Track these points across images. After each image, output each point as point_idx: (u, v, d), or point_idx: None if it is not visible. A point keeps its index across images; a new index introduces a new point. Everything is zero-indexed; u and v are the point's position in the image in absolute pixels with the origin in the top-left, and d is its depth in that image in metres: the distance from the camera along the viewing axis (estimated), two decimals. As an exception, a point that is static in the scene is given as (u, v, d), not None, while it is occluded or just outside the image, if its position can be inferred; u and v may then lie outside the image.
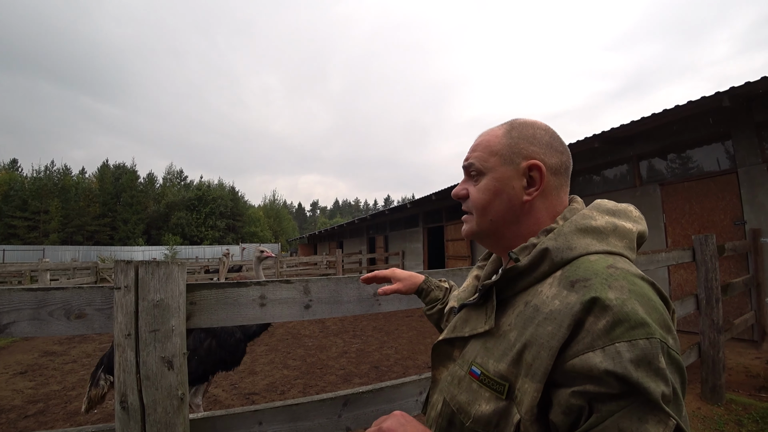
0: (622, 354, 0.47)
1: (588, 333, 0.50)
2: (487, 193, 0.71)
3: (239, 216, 53.25)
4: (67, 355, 5.85)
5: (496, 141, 0.73)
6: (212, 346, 2.64)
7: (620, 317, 0.49)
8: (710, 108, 4.72)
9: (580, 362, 0.50)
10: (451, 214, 11.52)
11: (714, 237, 3.20)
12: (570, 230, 0.64)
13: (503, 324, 0.64)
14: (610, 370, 0.47)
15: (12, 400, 3.95)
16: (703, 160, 5.48)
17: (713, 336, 3.10)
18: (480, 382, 0.62)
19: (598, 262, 0.58)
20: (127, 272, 1.08)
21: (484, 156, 0.73)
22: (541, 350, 0.54)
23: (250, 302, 1.30)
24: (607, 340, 0.49)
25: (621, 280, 0.54)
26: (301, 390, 4.01)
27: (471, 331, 0.69)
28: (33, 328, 1.11)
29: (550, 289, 0.59)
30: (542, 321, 0.56)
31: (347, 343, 5.99)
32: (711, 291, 3.13)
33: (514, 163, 0.70)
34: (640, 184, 6.19)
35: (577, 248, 0.62)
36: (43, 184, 42.71)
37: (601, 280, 0.54)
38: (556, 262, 0.61)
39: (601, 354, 0.48)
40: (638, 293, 0.53)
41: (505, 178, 0.70)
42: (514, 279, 0.65)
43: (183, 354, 1.13)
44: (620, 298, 0.51)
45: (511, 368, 0.58)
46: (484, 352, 0.64)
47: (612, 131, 5.72)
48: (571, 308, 0.53)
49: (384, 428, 0.61)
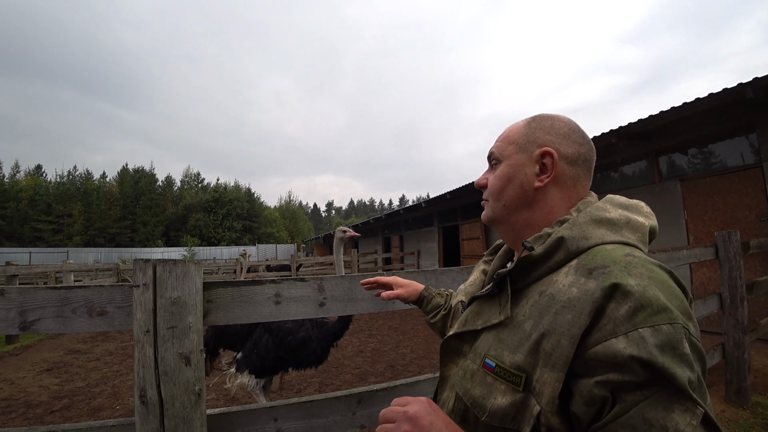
0: (646, 339, 0.47)
1: (610, 319, 0.50)
2: (502, 179, 0.74)
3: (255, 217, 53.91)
4: (91, 353, 6.02)
5: (516, 131, 0.75)
6: (269, 343, 2.65)
7: (642, 302, 0.49)
8: (733, 100, 4.57)
9: (603, 349, 0.49)
10: (466, 213, 11.44)
11: (738, 234, 3.10)
12: (585, 220, 0.64)
13: (518, 314, 0.63)
14: (635, 355, 0.46)
15: (39, 396, 4.09)
16: (726, 154, 5.31)
17: (738, 336, 3.01)
18: (495, 374, 0.61)
19: (616, 250, 0.58)
20: (146, 270, 1.11)
21: (503, 145, 0.76)
22: (561, 339, 0.53)
23: (265, 300, 1.32)
24: (630, 325, 0.48)
25: (640, 267, 0.54)
26: (317, 388, 4.04)
27: (484, 323, 0.68)
28: (57, 325, 1.14)
29: (566, 278, 0.59)
30: (560, 309, 0.55)
31: (363, 342, 6.01)
32: (735, 290, 3.04)
33: (528, 150, 0.72)
34: (659, 180, 6.04)
35: (593, 238, 0.61)
36: (67, 188, 44.03)
37: (620, 267, 0.53)
38: (572, 252, 0.61)
39: (625, 340, 0.47)
40: (658, 280, 0.52)
41: (518, 164, 0.72)
42: (528, 268, 0.65)
43: (200, 350, 1.15)
44: (641, 284, 0.51)
45: (528, 358, 0.57)
46: (498, 344, 0.63)
47: (630, 126, 5.59)
48: (591, 295, 0.53)
49: (411, 414, 0.56)
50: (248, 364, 2.69)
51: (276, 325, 2.65)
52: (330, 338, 2.77)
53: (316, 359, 2.77)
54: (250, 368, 2.68)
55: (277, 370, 2.72)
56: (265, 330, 2.67)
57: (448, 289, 1.13)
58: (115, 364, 5.32)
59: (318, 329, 2.72)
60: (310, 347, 2.68)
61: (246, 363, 2.70)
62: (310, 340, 2.68)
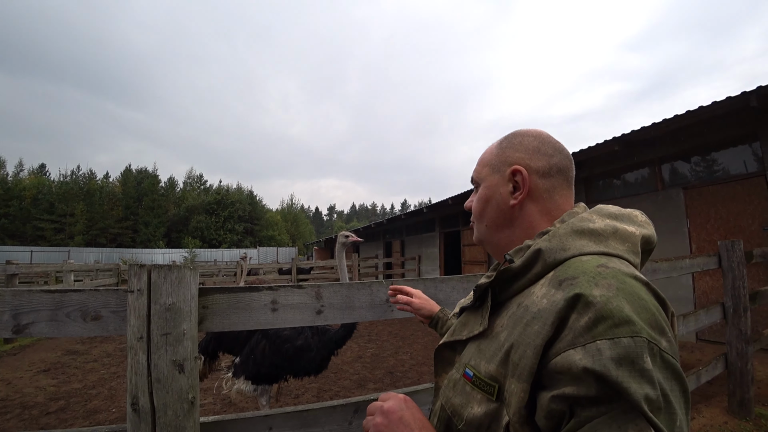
0: (602, 351, 0.45)
1: (570, 330, 0.49)
2: (481, 201, 0.77)
3: (257, 220, 53.93)
4: (89, 354, 6.00)
5: (489, 153, 0.78)
6: (265, 350, 2.59)
7: (603, 314, 0.47)
8: (736, 108, 4.56)
9: (561, 360, 0.48)
10: (467, 218, 11.36)
11: (741, 243, 3.07)
12: (565, 232, 0.63)
13: (496, 325, 0.64)
14: (588, 367, 0.45)
15: (35, 397, 4.07)
16: (729, 162, 5.29)
17: (741, 347, 2.97)
18: (473, 384, 0.62)
19: (589, 261, 0.57)
20: (141, 276, 1.09)
21: (479, 168, 0.79)
22: (527, 349, 0.53)
23: (261, 307, 1.30)
24: (589, 337, 0.47)
25: (610, 278, 0.52)
26: (314, 394, 4.01)
27: (468, 334, 0.70)
28: (51, 329, 1.13)
29: (540, 290, 0.59)
30: (530, 320, 0.55)
31: (362, 347, 5.98)
32: (738, 299, 3.01)
33: (500, 171, 0.74)
34: (662, 188, 6.01)
35: (571, 249, 0.61)
36: (70, 188, 44.12)
37: (588, 278, 0.53)
38: (549, 263, 0.61)
39: (582, 351, 0.46)
40: (627, 291, 0.50)
41: (493, 185, 0.75)
42: (508, 281, 0.65)
43: (194, 358, 1.13)
44: (605, 295, 0.49)
45: (499, 368, 0.58)
46: (478, 354, 0.64)
47: (632, 134, 5.57)
48: (555, 305, 0.52)
49: (385, 408, 0.62)
50: (245, 370, 2.65)
51: (273, 331, 2.60)
52: (331, 346, 2.70)
53: (315, 368, 2.71)
54: (246, 374, 2.64)
55: (275, 378, 2.66)
56: (263, 336, 2.62)
57: None
58: (113, 366, 5.30)
59: (318, 337, 2.66)
60: (308, 355, 2.62)
61: (243, 369, 2.66)
62: (309, 348, 2.61)
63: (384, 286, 1.50)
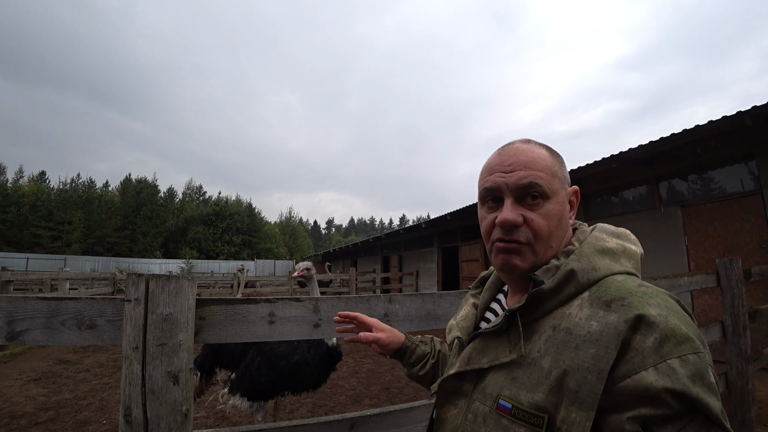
0: (677, 370, 0.46)
1: (637, 352, 0.49)
2: (553, 218, 0.65)
3: (255, 232, 53.75)
4: (81, 363, 5.92)
5: (551, 162, 0.68)
6: (261, 367, 2.54)
7: (667, 333, 0.48)
8: (732, 128, 4.62)
9: (633, 383, 0.48)
10: (465, 234, 11.41)
11: (740, 261, 3.07)
12: (590, 251, 0.64)
13: (532, 351, 0.60)
14: (668, 387, 0.45)
15: (24, 407, 3.99)
16: (726, 181, 5.33)
17: (741, 366, 2.95)
18: (512, 416, 0.58)
19: (627, 281, 0.58)
20: (138, 285, 1.09)
21: (547, 177, 0.66)
22: (588, 375, 0.51)
23: (259, 319, 1.29)
24: (658, 357, 0.47)
25: (656, 297, 0.53)
26: (309, 410, 3.95)
27: (491, 362, 0.64)
28: (45, 337, 1.12)
29: (581, 311, 0.58)
30: (581, 344, 0.54)
31: (358, 362, 5.91)
32: (738, 318, 2.99)
33: (565, 187, 0.70)
34: (660, 205, 6.04)
35: (601, 269, 0.61)
36: (69, 195, 44.06)
37: (638, 298, 0.53)
38: (582, 284, 0.61)
39: (654, 372, 0.47)
40: (674, 309, 0.52)
41: (563, 201, 0.68)
42: (537, 302, 0.63)
43: (189, 369, 1.12)
44: (662, 314, 0.50)
45: (550, 398, 0.54)
46: (512, 383, 0.60)
47: (630, 152, 5.63)
48: (614, 327, 0.52)
49: None
50: (240, 387, 2.61)
51: (269, 348, 2.56)
52: (330, 360, 2.67)
53: (313, 383, 2.67)
54: (242, 391, 2.60)
55: (271, 394, 2.62)
56: (258, 353, 2.58)
57: (428, 335, 1.07)
58: (105, 376, 5.22)
59: (315, 350, 2.62)
60: (305, 371, 2.57)
61: (238, 386, 2.62)
62: (305, 364, 2.56)
63: (382, 300, 1.50)
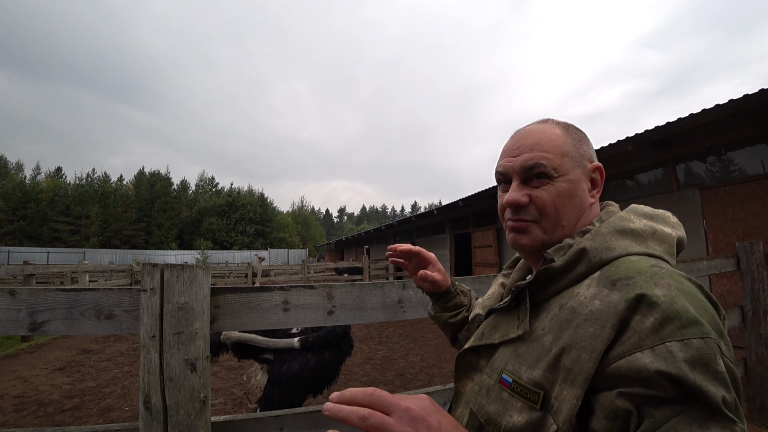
0: (674, 353, 0.43)
1: (634, 332, 0.47)
2: (563, 196, 0.65)
3: (268, 222, 54.27)
4: (103, 353, 6.10)
5: (562, 141, 0.67)
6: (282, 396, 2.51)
7: (670, 314, 0.46)
8: (754, 107, 4.45)
9: (626, 363, 0.46)
10: (478, 220, 11.34)
11: (761, 244, 2.99)
12: (608, 231, 0.61)
13: (536, 328, 0.60)
14: (662, 370, 0.43)
15: (50, 395, 4.14)
16: (747, 162, 5.16)
17: (761, 351, 2.89)
18: (511, 391, 0.58)
19: (641, 261, 0.55)
20: (153, 275, 1.10)
21: (554, 156, 0.66)
22: (582, 353, 0.50)
23: (273, 307, 1.30)
24: (656, 338, 0.45)
25: (668, 278, 0.50)
26: (324, 396, 4.01)
27: (501, 338, 0.65)
28: (66, 327, 1.14)
29: (588, 290, 0.56)
30: (582, 322, 0.53)
31: (372, 349, 5.97)
32: (758, 302, 2.93)
33: (581, 165, 0.67)
34: (677, 188, 5.89)
35: (617, 249, 0.59)
36: (85, 190, 44.96)
37: (646, 278, 0.50)
38: (594, 263, 0.59)
39: (651, 354, 0.44)
40: (687, 292, 0.49)
41: (577, 180, 0.66)
42: (548, 281, 0.62)
43: (206, 357, 1.14)
44: (668, 294, 0.47)
45: (546, 374, 0.54)
46: (516, 359, 0.60)
47: (646, 133, 5.47)
48: (614, 307, 0.50)
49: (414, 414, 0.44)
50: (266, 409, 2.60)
51: (276, 373, 2.52)
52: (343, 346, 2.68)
53: (328, 379, 2.71)
54: None
55: (298, 405, 2.63)
56: (269, 383, 2.56)
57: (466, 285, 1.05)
58: (126, 365, 5.37)
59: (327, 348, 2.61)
60: (320, 376, 2.59)
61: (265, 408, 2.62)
62: (322, 366, 2.57)
63: (396, 286, 1.49)
